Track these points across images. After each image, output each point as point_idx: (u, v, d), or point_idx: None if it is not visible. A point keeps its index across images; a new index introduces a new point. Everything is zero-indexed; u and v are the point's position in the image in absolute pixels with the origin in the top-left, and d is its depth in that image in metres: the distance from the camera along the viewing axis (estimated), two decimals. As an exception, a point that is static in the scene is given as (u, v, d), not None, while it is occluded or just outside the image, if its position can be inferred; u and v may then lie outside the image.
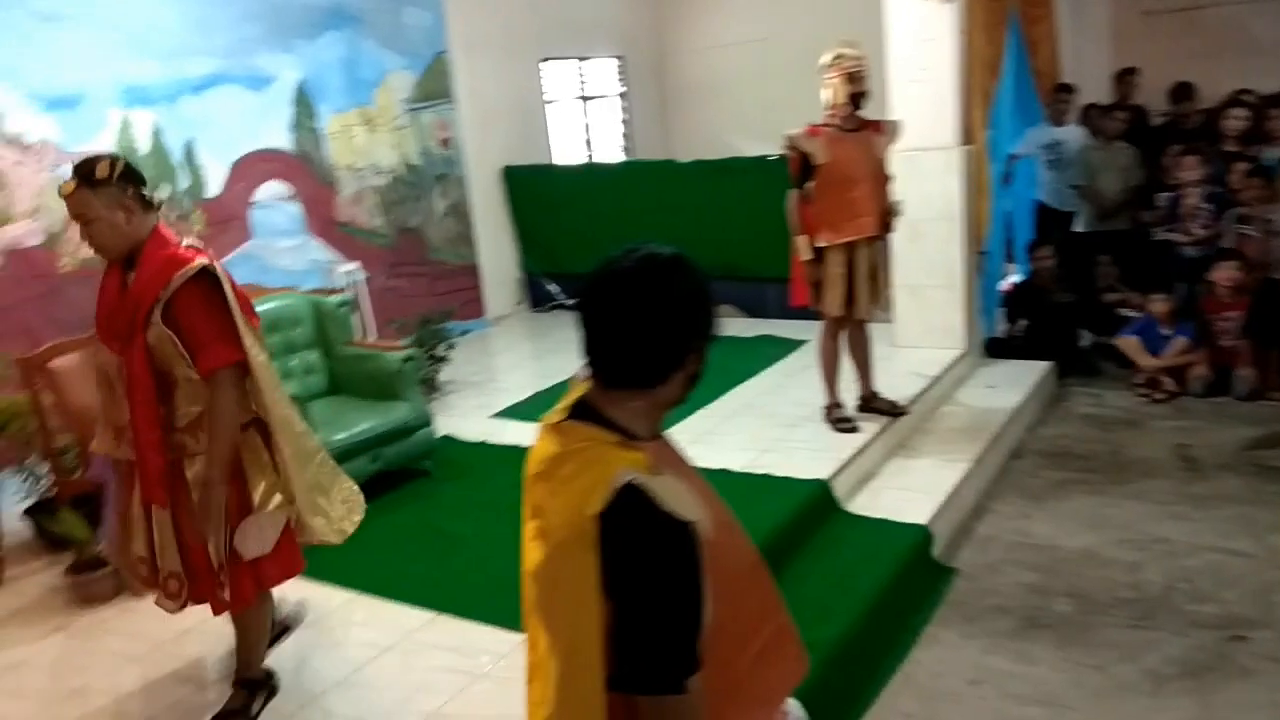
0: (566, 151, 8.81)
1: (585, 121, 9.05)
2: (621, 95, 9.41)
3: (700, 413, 5.01)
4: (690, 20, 9.61)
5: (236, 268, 6.06)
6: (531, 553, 1.46)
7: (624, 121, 9.46)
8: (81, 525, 3.76)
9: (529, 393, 5.76)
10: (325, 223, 6.52)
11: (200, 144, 5.72)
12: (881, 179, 4.31)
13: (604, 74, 9.24)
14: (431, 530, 4.11)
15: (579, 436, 1.41)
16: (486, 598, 3.42)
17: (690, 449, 1.68)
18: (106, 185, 2.44)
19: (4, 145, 4.89)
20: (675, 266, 1.44)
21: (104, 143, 5.28)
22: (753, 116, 9.14)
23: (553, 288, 8.02)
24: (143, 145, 5.47)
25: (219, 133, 5.82)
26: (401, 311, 6.45)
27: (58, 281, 5.10)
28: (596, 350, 1.43)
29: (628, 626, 1.32)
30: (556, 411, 1.50)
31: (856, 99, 4.17)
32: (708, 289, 1.47)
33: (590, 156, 9.11)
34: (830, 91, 4.19)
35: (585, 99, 9.04)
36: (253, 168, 6.04)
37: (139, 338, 2.48)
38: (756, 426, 4.75)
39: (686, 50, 9.68)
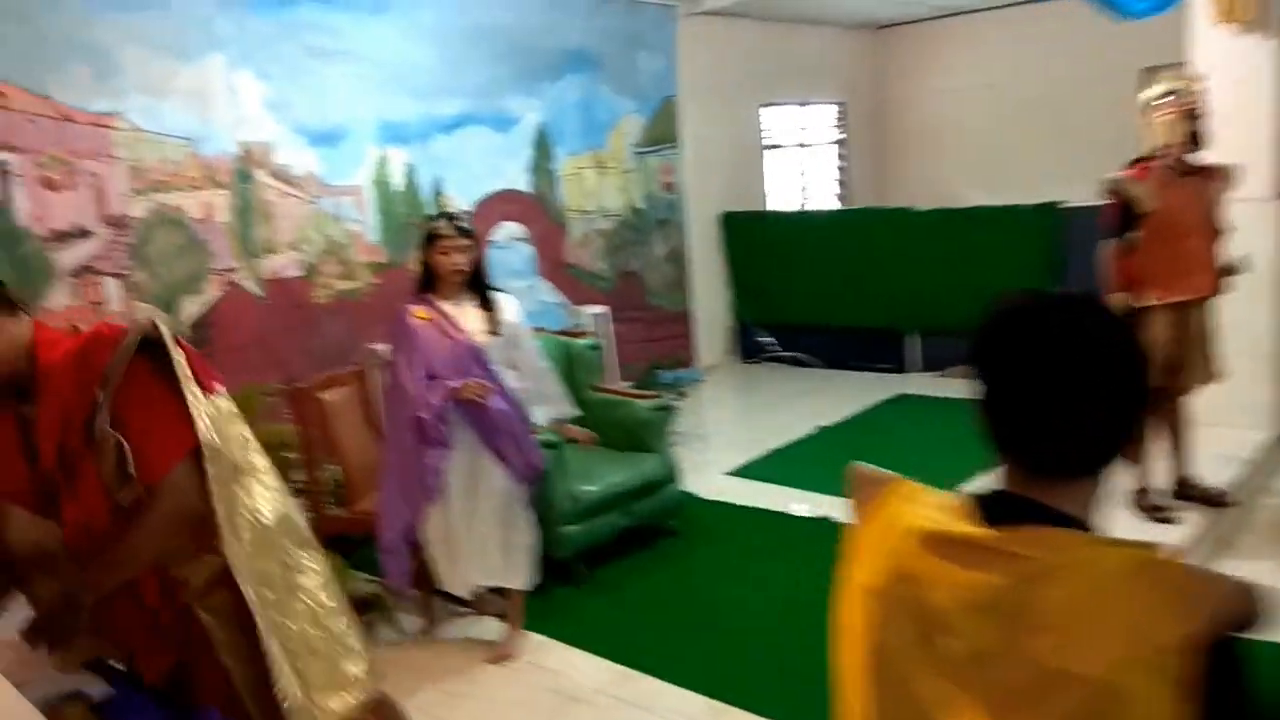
0: (781, 198, 8.53)
1: (801, 169, 8.76)
2: (839, 142, 9.08)
3: (970, 486, 4.52)
4: (914, 66, 9.21)
5: (469, 306, 6.09)
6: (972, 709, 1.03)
7: (840, 168, 9.12)
8: (341, 566, 3.66)
9: (759, 450, 5.44)
10: (554, 264, 6.46)
11: (448, 182, 5.76)
12: (1214, 231, 3.77)
13: (822, 120, 8.95)
14: (692, 599, 3.80)
15: (1055, 544, 1.01)
16: (776, 690, 3.06)
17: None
18: None
19: (273, 177, 5.02)
20: (1105, 310, 1.08)
21: (362, 178, 5.37)
22: (977, 165, 8.64)
23: (766, 339, 7.70)
24: (397, 182, 5.53)
25: (465, 172, 5.85)
26: (621, 357, 6.29)
27: (312, 313, 5.17)
28: (1031, 428, 1.06)
29: None
30: (943, 517, 1.13)
31: (1195, 139, 3.67)
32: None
33: (804, 204, 8.80)
34: (1163, 130, 3.70)
35: (803, 145, 8.76)
36: (493, 207, 6.04)
37: (83, 470, 1.75)
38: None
39: (909, 96, 9.27)
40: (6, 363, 1.77)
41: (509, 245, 6.17)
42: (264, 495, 1.93)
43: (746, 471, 5.14)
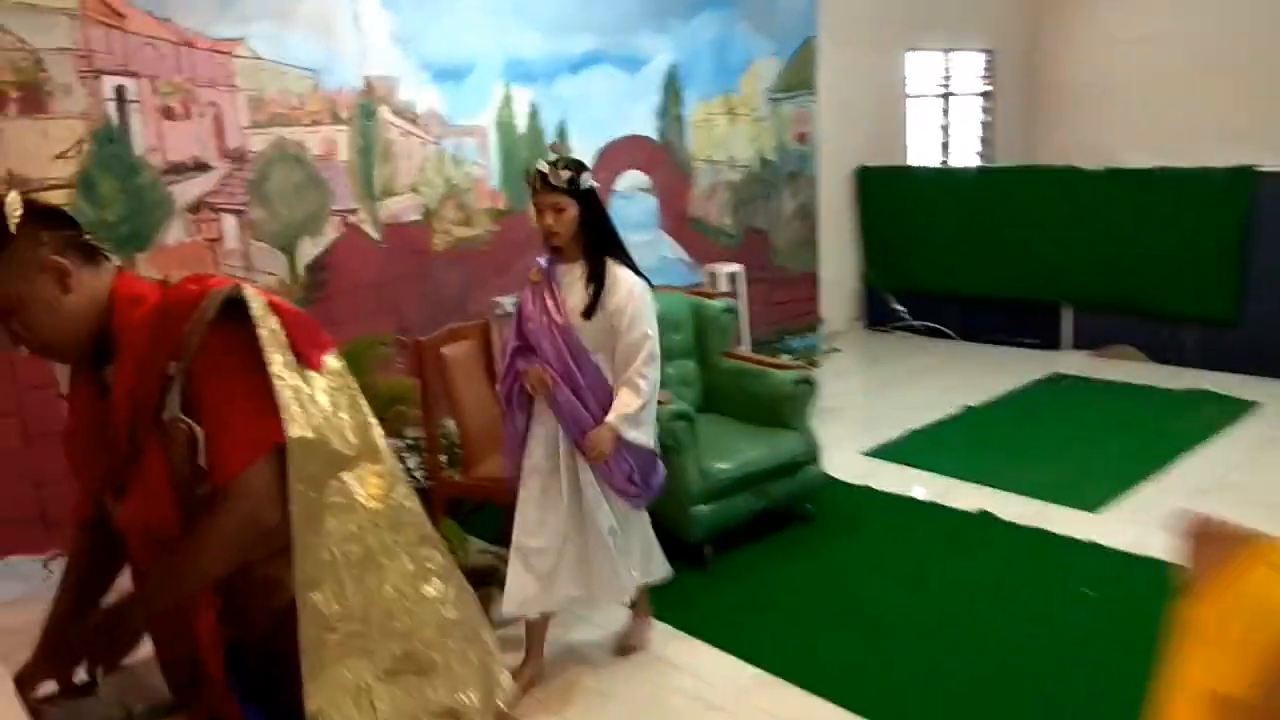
0: (921, 153, 7.92)
1: (944, 121, 8.10)
2: (985, 94, 8.37)
3: (1147, 487, 4.02)
4: (1071, 15, 8.39)
5: (589, 259, 5.76)
6: None
7: (984, 123, 8.42)
8: (458, 533, 3.42)
9: (897, 429, 5.00)
10: (677, 218, 6.06)
11: (572, 126, 5.40)
12: None
13: (968, 69, 8.25)
14: (834, 594, 3.43)
15: None
16: (939, 714, 2.68)
17: (1153, 535, 0.84)
18: (7, 246, 1.43)
19: (395, 114, 4.75)
20: None
21: (485, 118, 5.06)
22: (1138, 123, 7.85)
23: (897, 306, 7.17)
24: (520, 123, 5.21)
25: (590, 115, 5.48)
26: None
27: (429, 260, 4.92)
28: None
29: None
30: None
31: None
32: None
33: (944, 160, 8.16)
34: None
35: (947, 95, 8.09)
36: (618, 155, 5.66)
37: (149, 458, 1.47)
38: (1252, 516, 3.68)
39: (1064, 47, 8.47)
40: (85, 319, 1.49)
41: (631, 196, 5.79)
42: (372, 484, 1.57)
43: (886, 453, 4.70)
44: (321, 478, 1.50)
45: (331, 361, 1.58)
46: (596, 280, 2.75)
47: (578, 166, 2.75)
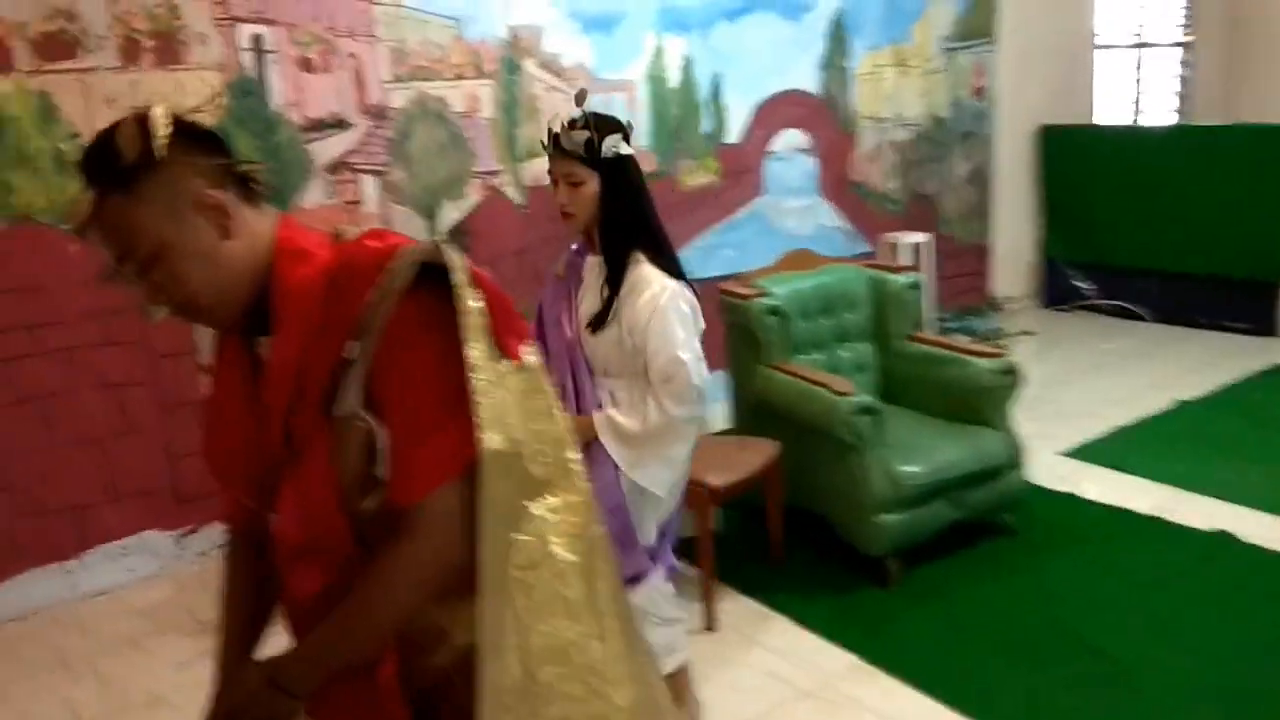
0: (1111, 110, 7.07)
1: (1137, 75, 7.22)
2: (1183, 44, 7.41)
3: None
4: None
5: (741, 230, 5.30)
6: None
7: (1182, 77, 7.47)
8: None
9: (1100, 426, 4.36)
10: (838, 181, 5.51)
11: (727, 80, 4.92)
12: None
13: (1165, 15, 7.31)
14: (1043, 625, 2.90)
15: None
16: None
17: None
18: (153, 173, 1.07)
19: (541, 68, 4.37)
20: None
21: (635, 72, 4.64)
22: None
23: (1082, 282, 6.42)
24: (672, 77, 4.76)
25: (747, 69, 4.98)
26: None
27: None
28: None
29: None
30: None
31: None
32: None
33: (1138, 117, 7.28)
34: None
35: (1140, 45, 7.20)
36: (775, 112, 5.15)
37: (311, 458, 1.13)
38: None
39: (1282, -12, 7.40)
40: (243, 274, 1.14)
41: (789, 157, 5.27)
42: (565, 519, 1.20)
43: (1090, 453, 4.09)
44: (511, 507, 1.14)
45: (529, 355, 1.20)
46: (612, 282, 2.13)
47: (605, 126, 2.13)
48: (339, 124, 3.84)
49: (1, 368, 3.29)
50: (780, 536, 3.29)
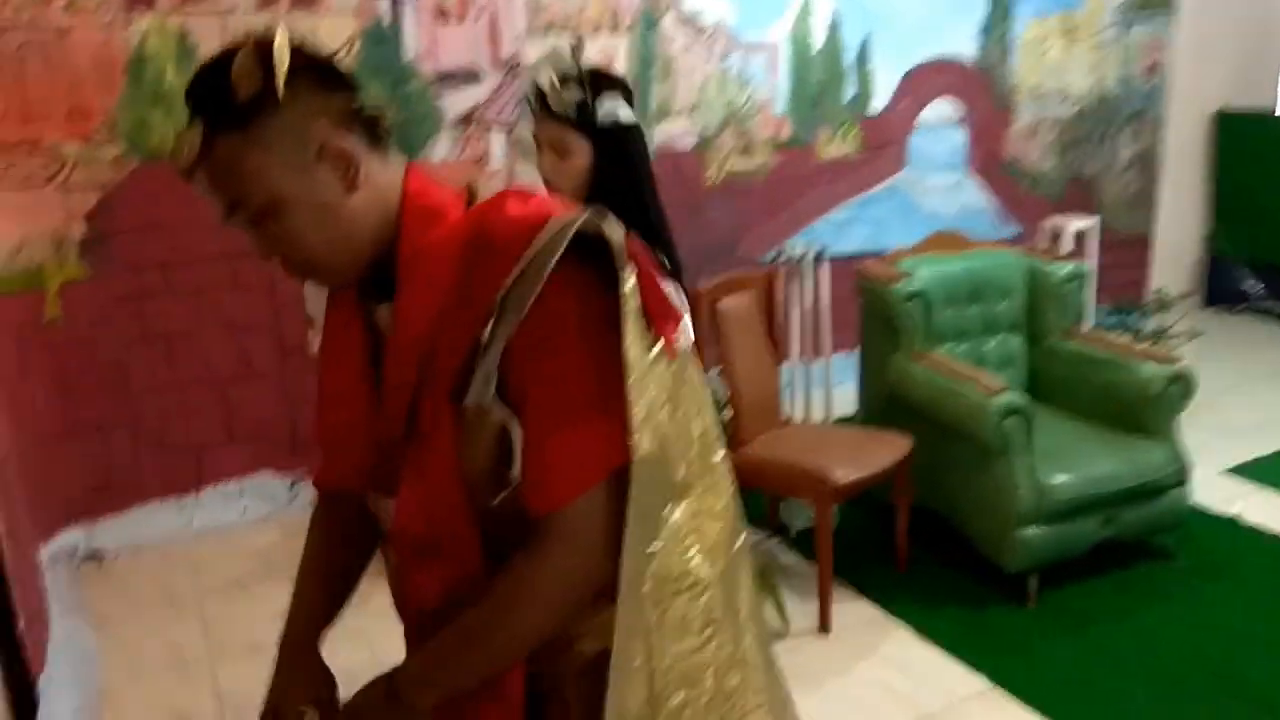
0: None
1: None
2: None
3: None
4: None
5: (879, 205, 4.99)
6: None
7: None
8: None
9: (1273, 441, 3.92)
10: (989, 159, 5.12)
11: (876, 44, 4.60)
12: None
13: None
14: (1203, 662, 2.59)
15: None
16: None
17: None
18: (273, 113, 0.94)
19: (680, 25, 4.17)
20: None
21: (778, 33, 4.38)
22: None
23: (1254, 282, 5.84)
24: (817, 39, 4.48)
25: (899, 31, 4.65)
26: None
27: (699, 194, 4.36)
28: None
29: None
30: None
31: None
32: None
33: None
34: None
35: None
36: (925, 80, 4.80)
37: (435, 446, 0.99)
38: None
39: None
40: (369, 231, 1.00)
41: (937, 129, 4.92)
42: (706, 527, 1.04)
43: (1258, 472, 3.68)
44: (651, 514, 0.98)
45: (681, 340, 1.03)
46: None
47: (603, 85, 1.82)
48: (470, 76, 3.74)
49: (134, 304, 3.34)
50: (905, 540, 3.05)
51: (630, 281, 0.96)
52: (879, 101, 4.69)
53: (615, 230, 0.97)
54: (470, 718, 1.04)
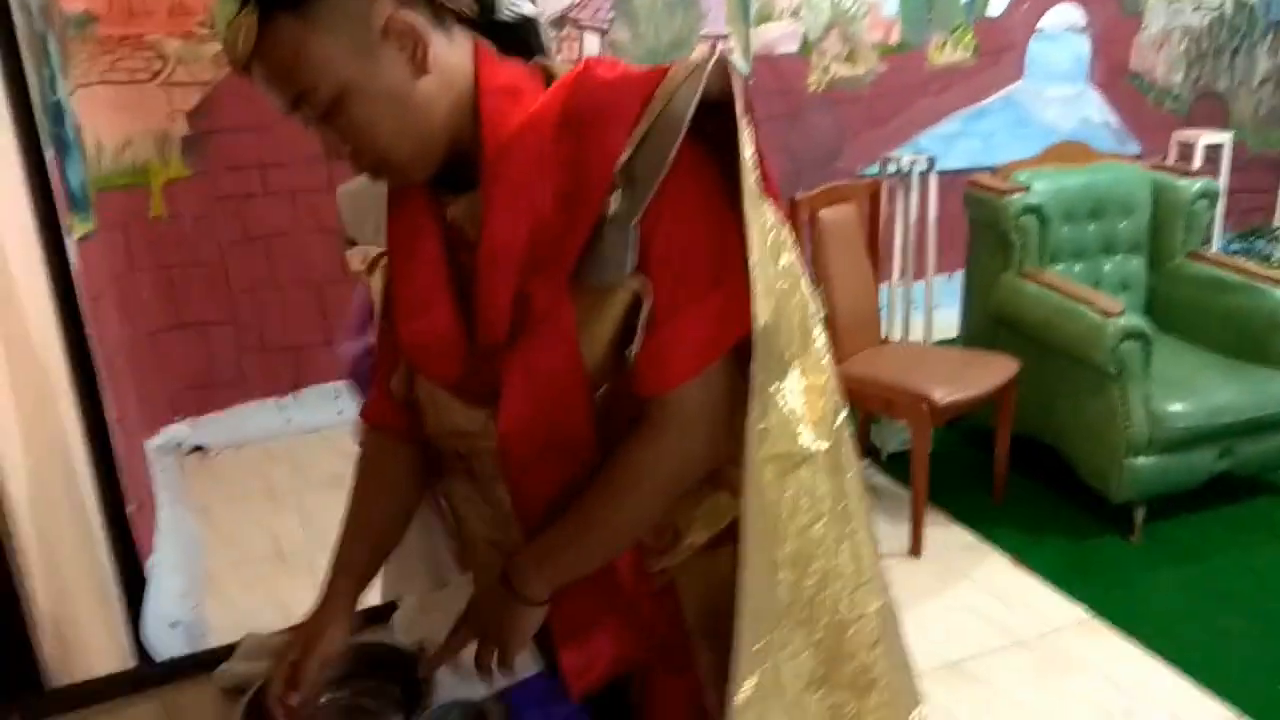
0: None
1: None
2: None
3: None
4: None
5: (991, 118, 4.71)
6: None
7: None
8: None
9: None
10: (1113, 70, 4.78)
11: (999, -60, 4.29)
12: None
13: None
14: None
15: None
16: None
17: None
18: None
19: (786, -79, 3.95)
20: None
21: (892, -73, 4.11)
22: None
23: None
24: (933, -64, 4.20)
25: (1023, -73, 4.33)
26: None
27: (800, 101, 4.18)
28: None
29: None
30: None
31: None
32: None
33: None
34: None
35: None
36: (1048, -18, 4.48)
37: (552, 338, 0.92)
38: None
39: None
40: (443, 117, 0.91)
41: (1058, 37, 4.60)
42: (811, 403, 0.97)
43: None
44: (765, 388, 0.92)
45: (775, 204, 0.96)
46: None
47: None
48: (565, -27, 3.62)
49: (235, 204, 3.39)
50: (1005, 467, 2.95)
51: (750, 147, 0.89)
52: (997, 4, 4.40)
53: (739, 80, 0.89)
54: (582, 609, 1.02)
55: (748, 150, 0.89)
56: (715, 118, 0.89)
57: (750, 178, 0.88)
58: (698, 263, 0.91)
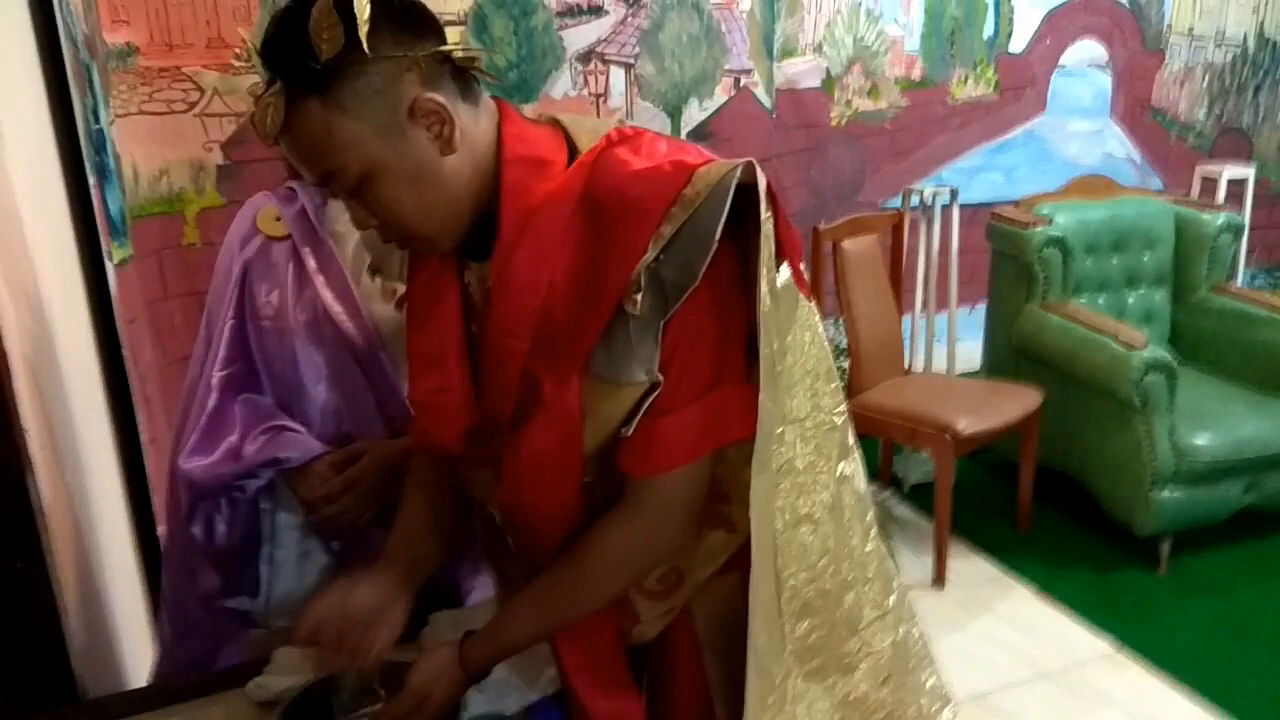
0: None
1: None
2: None
3: None
4: None
5: (1013, 151, 4.74)
6: None
7: None
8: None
9: None
10: (1135, 105, 4.80)
11: (1019, -22, 4.35)
12: None
13: None
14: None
15: None
16: None
17: None
18: (358, 73, 0.86)
19: (813, -43, 4.02)
20: None
21: (914, -34, 4.17)
22: None
23: None
24: (955, -27, 4.26)
25: (1042, -36, 4.38)
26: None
27: (822, 135, 4.22)
28: None
29: None
30: None
31: None
32: None
33: None
34: None
35: None
36: (1071, 18, 4.51)
37: (553, 422, 0.93)
38: None
39: None
40: (468, 192, 0.93)
41: (1081, 73, 4.63)
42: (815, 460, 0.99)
43: None
44: (767, 453, 0.92)
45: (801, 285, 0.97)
46: None
47: None
48: (594, 10, 3.68)
49: (264, 232, 3.44)
50: (1030, 498, 2.94)
51: (770, 223, 0.88)
52: (1019, 41, 4.44)
53: (763, 181, 0.89)
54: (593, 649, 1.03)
55: (768, 227, 0.88)
56: (737, 197, 0.88)
57: (764, 281, 0.87)
58: (703, 358, 0.91)
